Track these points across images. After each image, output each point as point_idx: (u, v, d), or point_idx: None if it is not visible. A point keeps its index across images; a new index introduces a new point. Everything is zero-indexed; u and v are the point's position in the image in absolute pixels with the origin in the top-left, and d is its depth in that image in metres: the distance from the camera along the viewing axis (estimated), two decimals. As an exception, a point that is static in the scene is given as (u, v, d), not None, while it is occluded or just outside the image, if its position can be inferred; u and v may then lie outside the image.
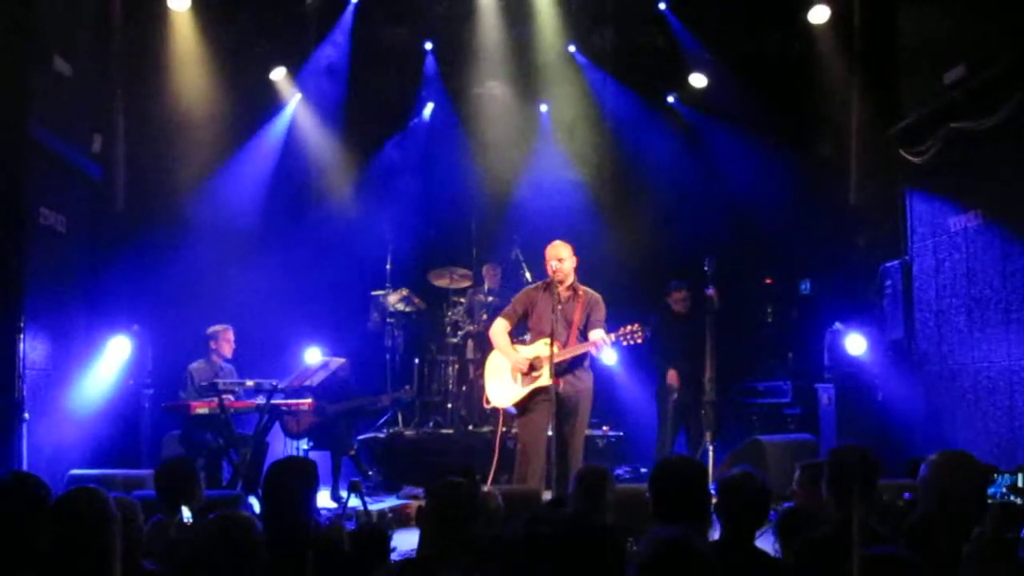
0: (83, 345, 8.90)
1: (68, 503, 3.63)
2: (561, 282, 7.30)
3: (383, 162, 12.14)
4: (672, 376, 9.56)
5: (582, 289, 7.42)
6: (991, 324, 7.78)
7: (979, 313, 7.96)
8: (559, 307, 7.22)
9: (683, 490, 3.81)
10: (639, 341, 7.18)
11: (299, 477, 4.06)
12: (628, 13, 11.45)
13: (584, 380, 7.37)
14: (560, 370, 7.12)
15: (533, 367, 7.31)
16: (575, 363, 7.26)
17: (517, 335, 7.91)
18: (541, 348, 7.28)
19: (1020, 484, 2.89)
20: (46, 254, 8.20)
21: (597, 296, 7.45)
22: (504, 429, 8.12)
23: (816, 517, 4.01)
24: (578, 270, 7.53)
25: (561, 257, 7.33)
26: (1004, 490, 3.02)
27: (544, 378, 7.16)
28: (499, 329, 7.63)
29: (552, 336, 7.07)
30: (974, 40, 7.89)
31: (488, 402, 7.85)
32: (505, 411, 7.86)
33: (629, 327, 7.15)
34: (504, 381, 7.51)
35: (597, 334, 7.19)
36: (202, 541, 3.40)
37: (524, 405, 7.38)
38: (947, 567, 2.81)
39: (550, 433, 7.32)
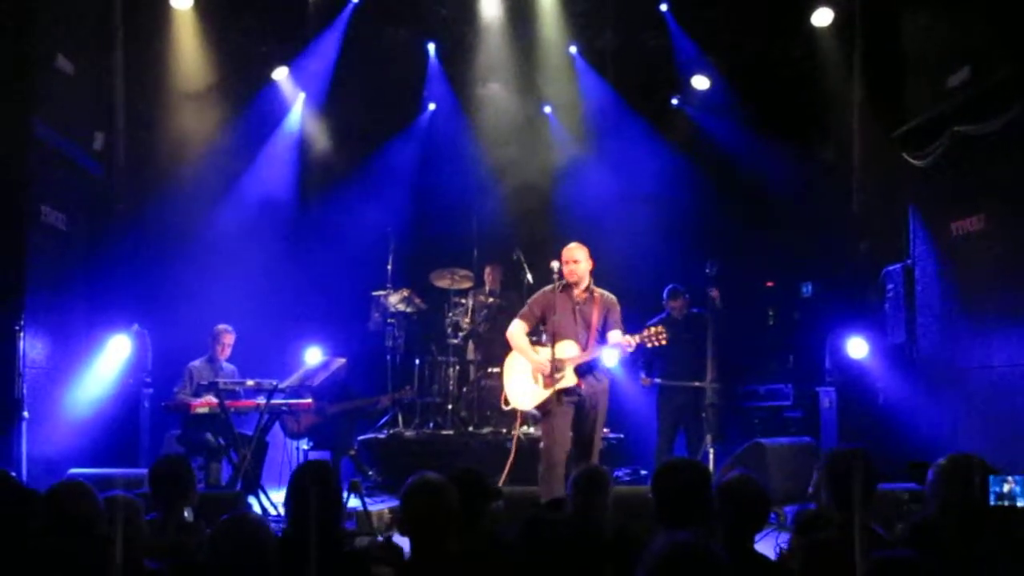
0: (83, 344, 8.89)
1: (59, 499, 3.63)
2: (576, 284, 7.34)
3: (384, 162, 12.11)
4: (643, 380, 9.64)
5: (597, 291, 7.42)
6: (993, 328, 7.77)
7: (981, 317, 7.94)
8: (577, 308, 7.30)
9: (686, 493, 3.80)
10: (663, 343, 7.21)
11: (327, 483, 3.98)
12: (630, 15, 11.44)
13: (603, 381, 7.38)
14: (581, 371, 7.19)
15: (556, 368, 7.24)
16: (594, 364, 7.28)
17: (531, 336, 7.90)
18: (562, 349, 7.26)
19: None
20: (47, 252, 8.20)
21: (613, 298, 7.46)
22: (525, 428, 8.08)
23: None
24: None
25: (577, 259, 7.36)
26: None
27: (568, 379, 7.17)
28: (518, 331, 7.59)
29: (575, 339, 7.20)
30: (978, 43, 7.88)
31: (507, 403, 7.74)
32: (522, 412, 7.85)
33: (653, 329, 7.19)
34: (525, 383, 7.45)
35: (617, 335, 7.19)
36: (215, 543, 3.36)
37: (546, 407, 7.32)
38: (955, 570, 2.79)
39: (569, 433, 7.31)
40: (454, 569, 3.66)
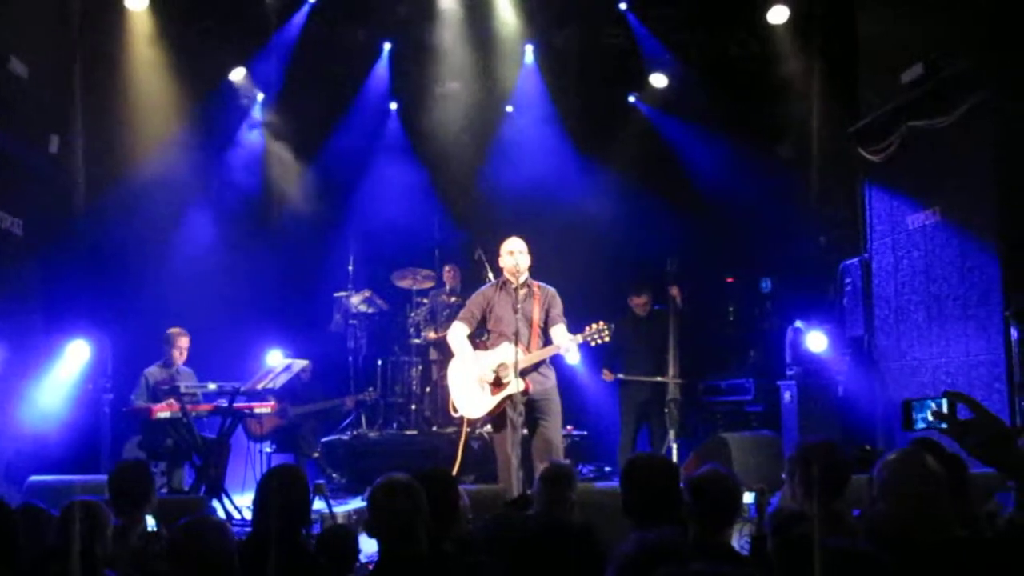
0: (41, 350, 8.74)
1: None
2: (516, 276, 7.12)
3: (345, 162, 12.04)
4: (606, 374, 9.64)
5: (536, 285, 7.23)
6: (949, 320, 7.88)
7: (937, 309, 8.05)
8: (518, 306, 7.01)
9: (656, 489, 3.81)
10: (606, 339, 7.04)
11: (296, 487, 3.95)
12: (589, 13, 11.47)
13: (550, 377, 7.20)
14: (525, 372, 6.95)
15: (499, 375, 7.06)
16: (539, 362, 7.13)
17: (476, 336, 7.75)
18: (503, 353, 7.08)
19: (945, 410, 2.79)
20: (2, 258, 8.09)
21: (552, 290, 7.28)
22: (468, 430, 7.76)
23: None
24: (542, 271, 7.49)
25: (521, 250, 7.21)
26: (930, 418, 2.89)
27: (512, 385, 6.90)
28: (458, 335, 7.32)
29: (516, 337, 6.90)
30: (932, 39, 7.98)
31: (456, 411, 7.45)
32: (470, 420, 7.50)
33: (595, 326, 7.00)
34: (471, 390, 7.18)
35: (563, 337, 7.03)
36: (174, 547, 3.32)
37: (495, 414, 7.12)
38: (912, 563, 2.82)
39: (524, 431, 7.12)
40: (423, 570, 3.64)
